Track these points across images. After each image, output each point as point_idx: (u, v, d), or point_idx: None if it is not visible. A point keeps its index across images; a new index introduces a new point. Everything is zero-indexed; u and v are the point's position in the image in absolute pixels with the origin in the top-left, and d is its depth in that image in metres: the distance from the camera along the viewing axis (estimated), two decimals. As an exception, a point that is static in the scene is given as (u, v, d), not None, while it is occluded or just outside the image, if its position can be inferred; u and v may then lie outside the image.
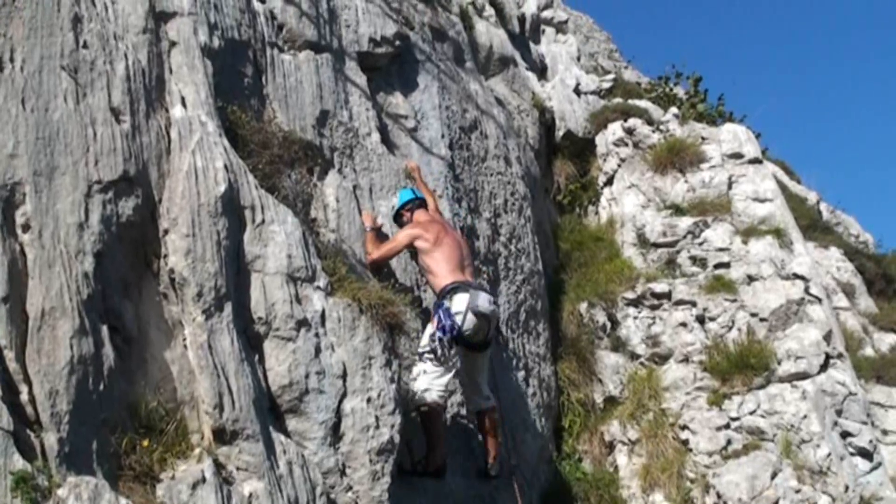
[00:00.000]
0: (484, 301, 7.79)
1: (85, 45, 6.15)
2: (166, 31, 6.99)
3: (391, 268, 8.27)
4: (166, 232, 6.13)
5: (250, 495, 5.67)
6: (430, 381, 7.56)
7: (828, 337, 11.31)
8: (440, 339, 7.53)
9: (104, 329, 5.37)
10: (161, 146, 6.37)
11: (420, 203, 8.49)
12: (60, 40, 5.99)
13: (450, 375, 7.70)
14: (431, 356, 7.57)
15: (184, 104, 6.72)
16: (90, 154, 5.78)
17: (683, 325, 11.70)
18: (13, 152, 5.39)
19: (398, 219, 8.46)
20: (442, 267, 7.95)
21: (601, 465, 11.11)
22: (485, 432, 8.28)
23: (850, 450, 10.84)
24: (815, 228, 17.00)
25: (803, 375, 10.94)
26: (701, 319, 11.68)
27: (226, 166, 6.54)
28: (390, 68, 9.79)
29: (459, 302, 7.73)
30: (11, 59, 5.68)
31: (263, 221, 6.70)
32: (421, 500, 7.35)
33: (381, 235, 8.28)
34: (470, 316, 7.69)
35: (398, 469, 6.88)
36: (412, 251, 8.27)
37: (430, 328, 7.71)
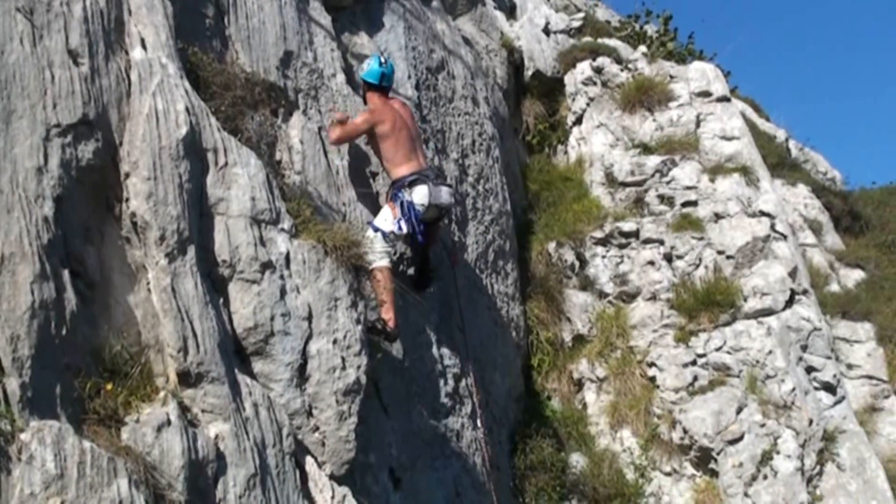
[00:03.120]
0: (445, 195, 8.29)
1: (41, -14, 6.04)
2: (125, -28, 6.87)
3: (358, 210, 8.26)
4: (127, 175, 6.09)
5: (216, 437, 5.72)
6: (380, 250, 7.78)
7: (793, 273, 11.42)
8: (400, 227, 7.93)
9: (66, 274, 5.35)
10: (121, 89, 6.31)
11: (380, 88, 8.54)
12: (15, -19, 5.88)
13: (399, 243, 8.25)
14: (388, 238, 7.89)
15: (144, 46, 6.63)
16: (48, 97, 5.71)
17: (651, 263, 11.77)
18: (-32, 96, 5.32)
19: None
20: (399, 155, 8.24)
21: (570, 403, 11.24)
22: (426, 236, 8.45)
23: (815, 384, 11.01)
24: (783, 166, 17.07)
25: (769, 312, 11.07)
26: (668, 258, 11.76)
27: (187, 109, 6.48)
28: (355, 8, 9.70)
29: (419, 194, 8.08)
30: (-36, 2, 5.58)
31: (226, 164, 6.67)
32: (388, 438, 7.42)
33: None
34: (431, 208, 8.15)
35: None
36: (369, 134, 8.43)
37: (388, 212, 8.04)
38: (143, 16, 6.78)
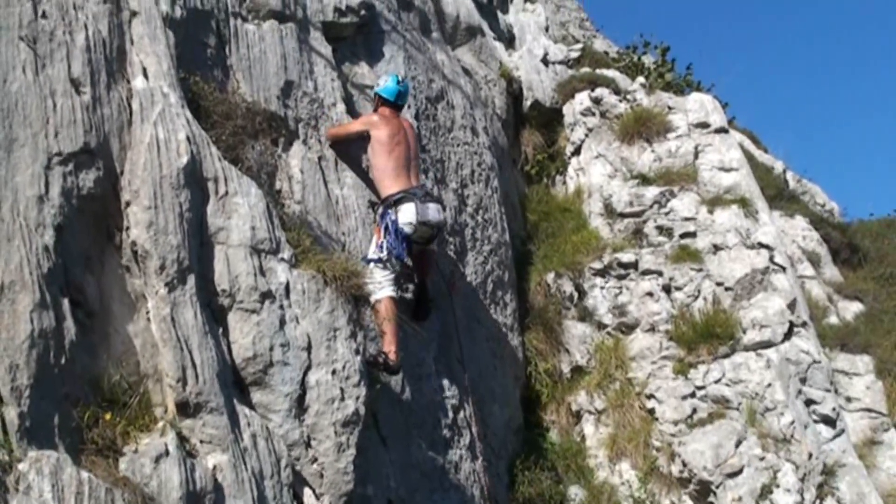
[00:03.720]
0: (434, 213, 8.17)
1: (44, 15, 6.09)
2: (127, 1, 6.92)
3: (357, 240, 8.25)
4: (128, 204, 6.10)
5: (214, 468, 5.69)
6: (381, 280, 7.77)
7: (792, 306, 11.40)
8: (388, 251, 7.87)
9: (65, 303, 5.35)
10: (122, 118, 6.33)
11: (394, 105, 8.70)
12: (18, 10, 5.93)
13: (398, 272, 8.03)
14: (380, 265, 7.84)
15: (145, 75, 6.66)
16: (50, 126, 5.73)
17: (650, 294, 11.74)
18: (-30, 124, 5.33)
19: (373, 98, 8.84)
20: (389, 169, 8.25)
21: (568, 435, 11.17)
22: (421, 265, 8.62)
23: (814, 417, 10.95)
24: (782, 197, 17.07)
25: (768, 344, 11.03)
26: (667, 289, 11.73)
27: (188, 138, 6.50)
28: (356, 38, 9.73)
29: (406, 212, 8.01)
30: (-32, 31, 5.60)
31: (227, 193, 6.67)
32: (387, 470, 7.37)
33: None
34: (419, 226, 8.05)
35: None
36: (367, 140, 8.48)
37: (376, 239, 8.04)
38: (146, 45, 6.81)
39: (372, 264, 7.83)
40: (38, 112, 5.69)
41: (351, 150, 8.66)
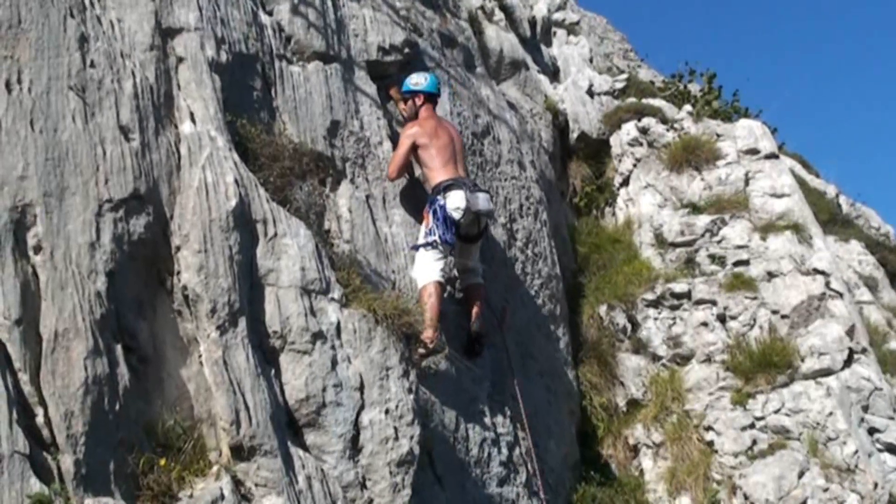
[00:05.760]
0: (483, 202, 8.32)
1: (92, 65, 6.16)
2: (173, 48, 6.99)
3: (407, 278, 8.23)
4: (178, 248, 6.13)
5: (270, 511, 5.65)
6: (429, 264, 7.92)
7: (851, 332, 11.18)
8: (439, 235, 7.95)
9: (118, 349, 5.37)
10: (171, 163, 6.37)
11: (432, 97, 8.96)
12: (67, 60, 6.00)
13: (448, 259, 8.14)
14: (430, 248, 7.95)
15: (193, 120, 6.71)
16: (100, 173, 5.78)
17: (704, 324, 11.59)
18: (23, 174, 5.40)
19: (405, 93, 9.04)
20: (436, 161, 8.41)
21: (626, 470, 11.01)
22: (470, 301, 8.62)
23: (878, 446, 10.70)
24: (835, 222, 16.84)
25: (827, 372, 10.81)
26: (722, 318, 11.57)
27: (236, 180, 6.53)
28: (400, 76, 9.76)
29: (455, 198, 8.15)
30: (19, 81, 5.70)
31: (276, 234, 6.68)
32: (443, 509, 7.29)
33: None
34: (469, 213, 8.17)
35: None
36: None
37: (425, 225, 8.15)
38: (193, 90, 6.87)
39: (420, 249, 7.97)
40: (88, 160, 5.75)
41: (397, 188, 8.67)
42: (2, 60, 5.69)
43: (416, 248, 8.07)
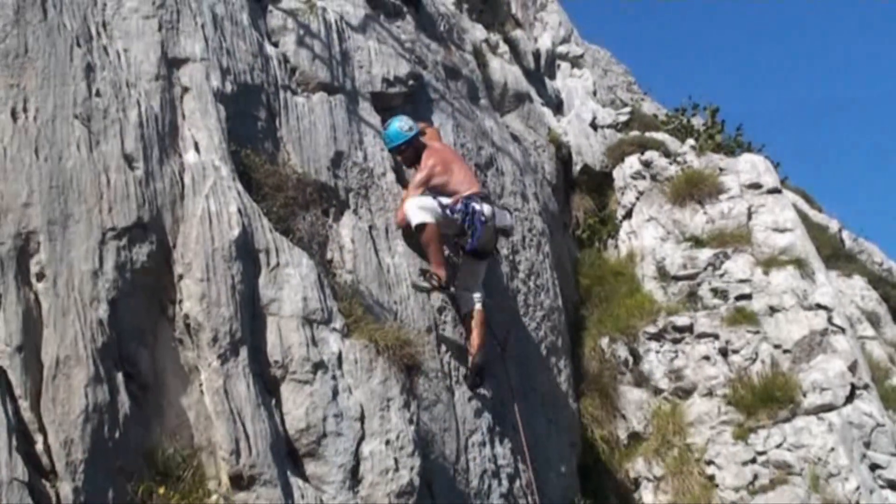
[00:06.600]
0: (508, 218, 8.95)
1: (98, 94, 6.20)
2: (179, 77, 7.03)
3: (409, 308, 8.23)
4: (181, 277, 6.13)
5: (268, 541, 5.62)
6: (421, 205, 8.26)
7: (853, 367, 11.16)
8: (476, 237, 8.34)
9: (119, 376, 5.36)
10: (175, 192, 6.38)
11: (416, 135, 8.91)
12: (73, 89, 6.04)
13: (436, 201, 8.37)
14: (449, 211, 8.32)
15: (197, 149, 6.74)
16: (104, 201, 5.80)
17: (706, 358, 11.58)
18: (27, 201, 5.43)
19: (397, 151, 8.96)
20: (460, 177, 8.59)
21: (627, 503, 10.97)
22: (470, 328, 8.60)
23: (880, 482, 10.64)
24: (838, 257, 16.86)
25: (829, 407, 10.79)
26: (724, 352, 11.56)
27: (240, 210, 6.55)
28: (404, 107, 9.80)
29: (486, 209, 8.48)
30: (25, 109, 5.74)
31: (278, 264, 6.69)
32: (443, 541, 7.26)
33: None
34: (490, 227, 8.49)
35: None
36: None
37: (446, 201, 8.39)
38: (197, 119, 6.91)
39: (416, 201, 8.31)
40: (92, 188, 5.77)
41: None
42: (8, 89, 5.74)
43: (414, 187, 8.42)
